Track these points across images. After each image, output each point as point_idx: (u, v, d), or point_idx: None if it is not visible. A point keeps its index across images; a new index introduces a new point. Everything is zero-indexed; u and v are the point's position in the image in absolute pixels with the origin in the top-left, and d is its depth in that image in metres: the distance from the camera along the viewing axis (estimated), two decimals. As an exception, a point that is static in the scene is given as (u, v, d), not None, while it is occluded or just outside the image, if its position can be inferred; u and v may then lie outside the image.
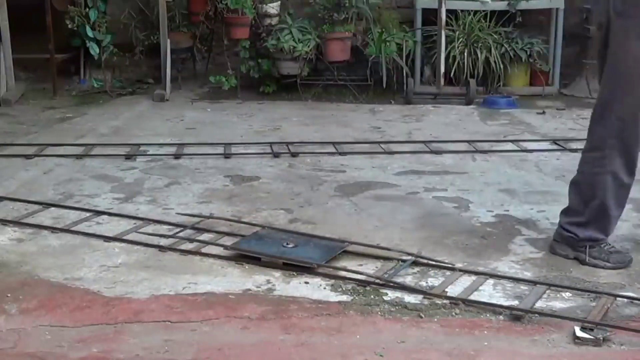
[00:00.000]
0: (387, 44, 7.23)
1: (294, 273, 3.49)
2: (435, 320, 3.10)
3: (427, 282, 3.41)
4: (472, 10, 7.47)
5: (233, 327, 3.04)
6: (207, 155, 5.45)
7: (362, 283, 3.38)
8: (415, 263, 3.57)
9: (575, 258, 3.61)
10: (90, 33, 7.37)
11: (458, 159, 5.40)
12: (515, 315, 3.10)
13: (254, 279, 3.45)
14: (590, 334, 2.92)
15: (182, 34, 7.62)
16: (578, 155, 3.78)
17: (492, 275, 3.46)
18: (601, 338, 2.90)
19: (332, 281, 3.41)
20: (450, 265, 3.56)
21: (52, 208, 4.35)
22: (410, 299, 3.25)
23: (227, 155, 5.45)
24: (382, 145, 5.69)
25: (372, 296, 3.28)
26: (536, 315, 3.09)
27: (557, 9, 7.53)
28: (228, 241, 3.82)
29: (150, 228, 4.05)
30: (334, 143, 5.73)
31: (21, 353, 2.86)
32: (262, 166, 5.23)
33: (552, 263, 3.62)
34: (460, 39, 7.36)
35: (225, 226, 4.07)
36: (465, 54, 7.31)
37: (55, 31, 7.33)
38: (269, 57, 7.37)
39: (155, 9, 7.46)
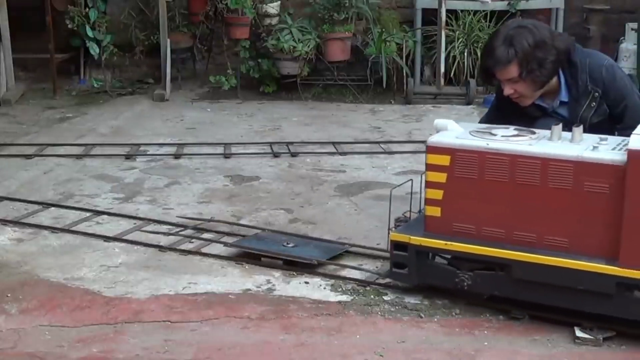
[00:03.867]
0: (387, 44, 7.22)
1: (294, 273, 3.49)
2: (435, 320, 3.10)
3: (427, 282, 3.41)
4: (472, 10, 7.46)
5: (233, 327, 3.04)
6: (207, 155, 5.45)
7: (362, 283, 3.38)
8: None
9: None
10: (90, 33, 7.36)
11: (458, 159, 5.39)
12: (515, 316, 3.10)
13: (254, 279, 3.45)
14: (590, 334, 2.92)
15: (182, 34, 7.61)
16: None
17: (492, 275, 3.46)
18: (601, 338, 2.90)
19: (332, 281, 3.41)
20: (450, 265, 3.56)
21: (52, 208, 4.35)
22: (410, 299, 3.25)
23: (227, 155, 5.45)
24: (382, 145, 5.69)
25: (372, 296, 3.28)
26: (536, 315, 3.09)
27: (557, 9, 7.53)
28: (228, 241, 3.82)
29: (150, 228, 4.05)
30: (334, 143, 5.73)
31: (21, 353, 2.86)
32: (262, 166, 5.22)
33: (552, 263, 3.62)
34: (460, 39, 7.36)
35: (225, 227, 4.07)
36: (465, 54, 7.31)
37: (55, 31, 7.33)
38: (269, 57, 7.36)
39: (155, 9, 7.45)
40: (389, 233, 3.28)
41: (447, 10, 7.22)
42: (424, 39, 7.54)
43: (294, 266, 3.52)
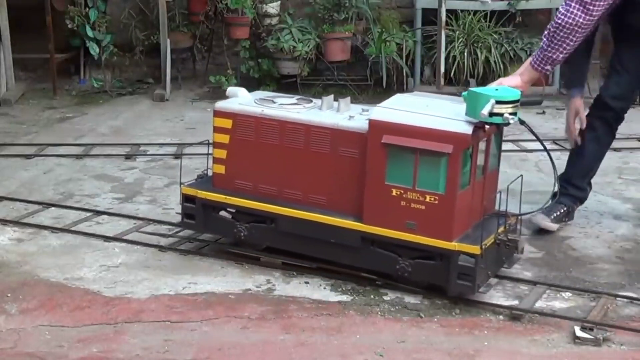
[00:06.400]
0: (387, 43, 7.22)
1: (294, 273, 3.49)
2: (435, 320, 3.10)
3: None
4: (472, 10, 7.46)
5: (233, 327, 3.05)
6: (207, 155, 5.43)
7: (362, 283, 3.38)
8: (415, 263, 3.58)
9: None
10: (90, 33, 7.37)
11: (458, 159, 5.39)
12: (515, 315, 3.10)
13: (254, 279, 3.45)
14: (590, 334, 2.92)
15: (182, 34, 7.61)
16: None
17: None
18: (601, 338, 2.91)
19: (332, 281, 3.42)
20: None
21: (52, 208, 4.35)
22: (410, 299, 3.25)
23: (227, 155, 5.44)
24: (382, 145, 5.68)
25: (372, 296, 3.28)
26: (536, 315, 3.09)
27: (557, 9, 7.52)
28: (227, 241, 3.82)
29: (150, 228, 4.05)
30: (334, 143, 5.72)
31: (21, 353, 2.86)
32: (262, 166, 5.22)
33: (552, 263, 3.62)
34: (460, 39, 7.36)
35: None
36: (465, 54, 7.31)
37: (55, 31, 7.33)
38: (269, 57, 7.37)
39: (155, 9, 7.46)
40: (180, 188, 3.63)
41: (447, 10, 7.22)
42: (424, 39, 7.54)
43: (294, 266, 3.52)
